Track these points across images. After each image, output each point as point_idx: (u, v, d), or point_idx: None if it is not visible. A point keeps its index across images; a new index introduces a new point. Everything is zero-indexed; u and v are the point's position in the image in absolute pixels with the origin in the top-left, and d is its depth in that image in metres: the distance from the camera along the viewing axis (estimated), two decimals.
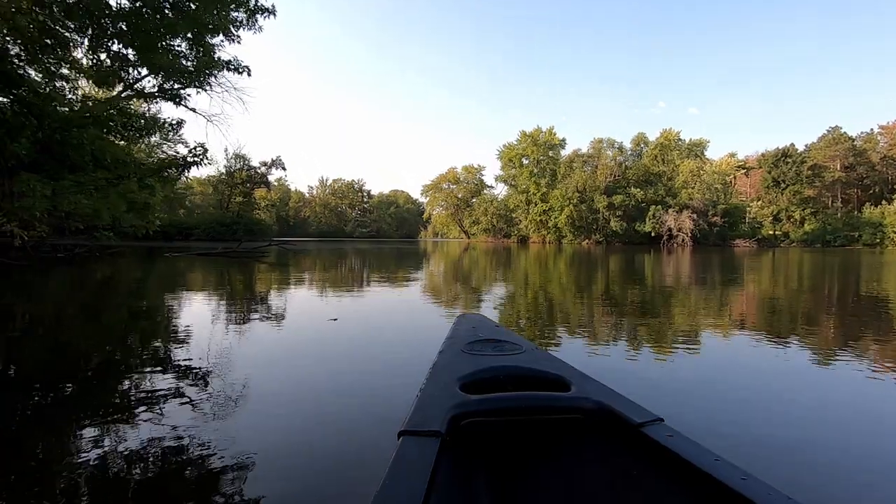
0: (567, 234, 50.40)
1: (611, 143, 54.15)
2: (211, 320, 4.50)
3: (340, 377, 2.72)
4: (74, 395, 2.42)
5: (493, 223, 60.18)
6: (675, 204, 46.36)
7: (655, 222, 46.18)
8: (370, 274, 10.97)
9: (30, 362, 3.11)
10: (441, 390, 1.28)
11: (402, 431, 1.06)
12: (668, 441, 1.02)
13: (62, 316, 4.89)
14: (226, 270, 10.83)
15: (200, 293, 6.83)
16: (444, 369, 1.47)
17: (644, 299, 6.82)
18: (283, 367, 2.92)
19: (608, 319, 4.96)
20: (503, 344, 1.77)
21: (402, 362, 3.03)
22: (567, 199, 49.15)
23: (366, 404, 2.26)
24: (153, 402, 2.25)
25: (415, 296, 6.92)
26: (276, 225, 70.31)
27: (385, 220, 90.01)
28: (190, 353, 3.19)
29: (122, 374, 2.73)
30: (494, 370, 1.47)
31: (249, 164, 40.65)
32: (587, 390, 1.29)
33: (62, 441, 1.87)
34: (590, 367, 1.94)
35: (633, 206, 48.44)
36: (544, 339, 3.81)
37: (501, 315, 5.17)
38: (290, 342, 3.67)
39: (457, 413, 1.15)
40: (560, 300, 6.69)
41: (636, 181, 50.61)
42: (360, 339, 3.78)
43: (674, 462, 0.98)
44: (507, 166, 58.32)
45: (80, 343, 3.68)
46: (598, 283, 9.45)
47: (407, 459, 0.93)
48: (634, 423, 1.11)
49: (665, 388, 2.58)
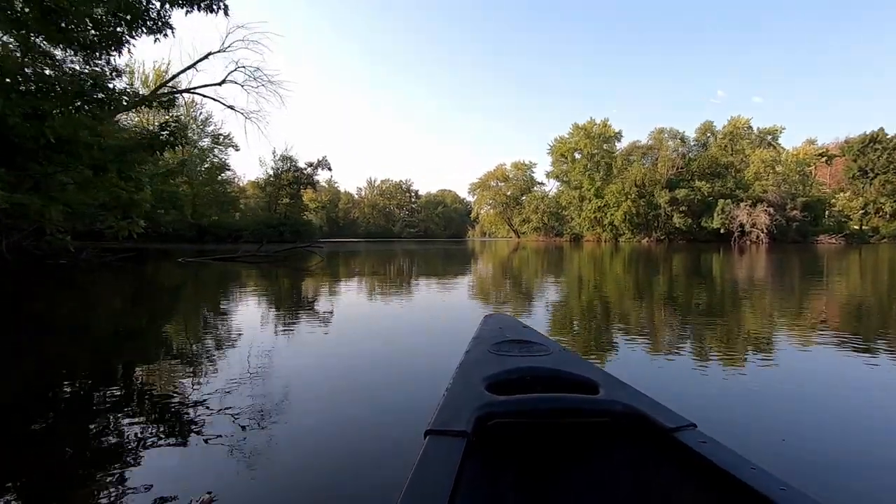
0: (624, 232, 48.34)
1: (673, 133, 51.32)
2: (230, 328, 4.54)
3: (369, 378, 2.86)
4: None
5: (544, 221, 58.88)
6: (748, 197, 43.16)
7: (725, 217, 43.19)
8: (404, 281, 10.77)
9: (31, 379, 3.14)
10: (467, 390, 1.29)
11: (429, 431, 1.06)
12: (701, 447, 1.00)
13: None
14: (237, 277, 10.35)
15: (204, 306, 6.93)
16: (471, 369, 1.48)
17: (711, 302, 6.23)
18: (314, 368, 3.06)
19: (670, 325, 4.59)
20: (530, 345, 1.75)
21: (432, 364, 3.10)
22: (624, 195, 47.10)
23: (393, 403, 2.37)
24: (196, 409, 2.32)
25: (460, 302, 6.69)
26: (325, 226, 72.67)
27: (433, 219, 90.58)
28: (210, 359, 3.28)
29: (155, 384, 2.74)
30: (521, 371, 1.47)
31: (296, 166, 41.95)
32: (616, 394, 1.27)
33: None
34: (648, 376, 1.93)
35: (698, 200, 45.65)
36: (601, 349, 3.49)
37: (553, 319, 4.90)
38: (321, 344, 3.79)
39: (483, 413, 1.15)
40: (616, 303, 6.25)
41: (701, 173, 47.65)
42: (387, 349, 3.73)
43: (707, 469, 0.95)
44: (559, 161, 56.76)
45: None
46: (659, 284, 8.81)
47: (433, 459, 0.94)
48: (666, 428, 1.09)
49: (731, 404, 2.41)
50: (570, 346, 3.51)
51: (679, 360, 3.28)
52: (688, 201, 45.57)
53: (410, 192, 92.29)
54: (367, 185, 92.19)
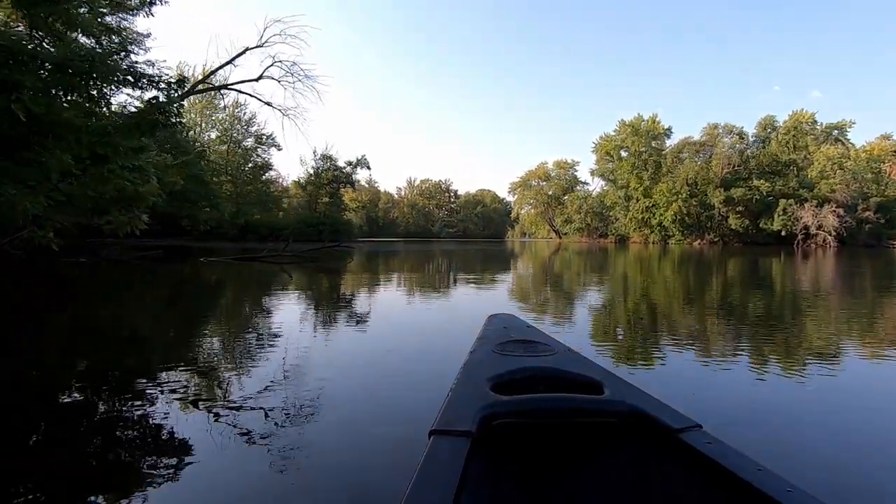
0: (674, 234, 46.25)
1: (729, 128, 48.56)
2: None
3: (374, 376, 2.92)
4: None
5: (587, 222, 57.24)
6: (813, 197, 40.24)
7: (787, 219, 40.45)
8: (436, 282, 10.55)
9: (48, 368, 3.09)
10: (472, 390, 1.29)
11: (433, 430, 1.06)
12: (706, 448, 1.00)
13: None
14: (253, 278, 9.95)
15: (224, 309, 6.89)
16: (475, 369, 1.47)
17: (770, 310, 5.66)
18: (324, 368, 3.06)
19: (723, 333, 4.20)
20: (535, 345, 1.74)
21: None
22: (675, 194, 45.03)
23: (397, 402, 2.40)
24: (215, 404, 2.39)
25: (493, 307, 6.41)
26: (365, 226, 73.87)
27: (471, 219, 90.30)
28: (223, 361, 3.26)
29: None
30: (526, 371, 1.47)
31: (336, 165, 42.65)
32: (621, 393, 1.27)
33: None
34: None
35: (756, 200, 43.02)
36: (645, 359, 3.12)
37: (597, 328, 4.57)
38: (334, 348, 3.75)
39: (488, 413, 1.15)
40: (665, 310, 5.77)
41: (760, 171, 44.90)
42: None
43: (713, 470, 0.95)
44: (604, 160, 55.00)
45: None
46: (713, 289, 8.16)
47: (437, 459, 0.94)
48: (671, 428, 1.09)
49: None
50: (619, 358, 3.38)
51: (735, 370, 3.12)
52: (745, 201, 43.02)
53: (450, 191, 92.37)
54: (406, 185, 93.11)
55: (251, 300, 6.63)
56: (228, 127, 39.22)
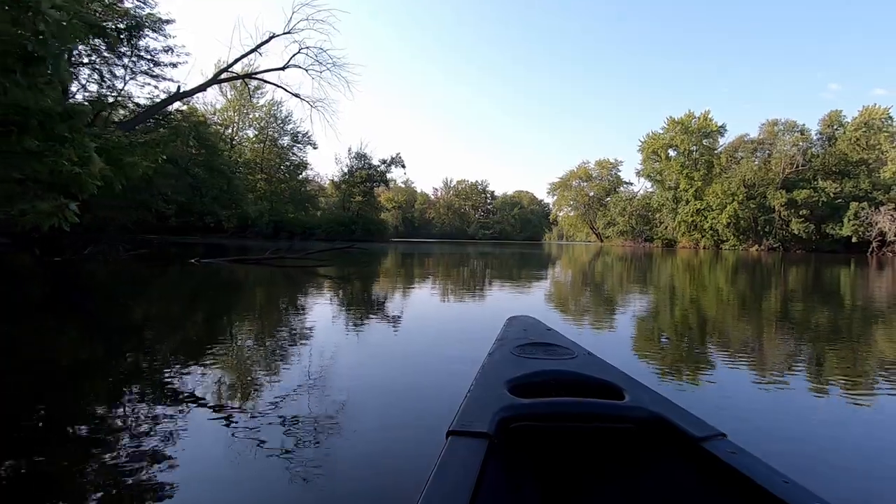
0: (728, 238, 43.51)
1: (790, 125, 45.21)
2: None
3: (392, 377, 2.93)
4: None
5: (631, 224, 54.82)
6: (889, 200, 36.76)
7: (858, 224, 37.10)
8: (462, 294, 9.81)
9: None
10: (490, 392, 1.29)
11: (451, 431, 1.07)
12: (730, 458, 0.98)
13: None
14: (242, 283, 9.26)
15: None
16: (493, 371, 1.47)
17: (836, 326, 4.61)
18: (337, 368, 3.13)
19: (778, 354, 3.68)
20: (554, 348, 1.73)
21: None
22: (730, 196, 42.31)
23: (415, 402, 2.45)
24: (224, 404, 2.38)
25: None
26: (401, 226, 74.12)
27: (508, 221, 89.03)
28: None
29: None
30: (544, 374, 1.47)
31: (370, 163, 42.37)
32: (643, 399, 1.25)
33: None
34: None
35: (822, 203, 39.82)
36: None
37: (629, 340, 4.26)
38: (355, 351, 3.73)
39: (505, 416, 1.15)
40: (709, 320, 5.22)
41: (826, 172, 41.57)
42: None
43: (737, 481, 0.93)
44: (650, 160, 52.53)
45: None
46: (768, 302, 7.04)
47: (455, 459, 0.94)
48: (694, 437, 1.07)
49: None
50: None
51: (771, 383, 3.05)
52: (810, 204, 39.90)
53: (486, 192, 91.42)
54: (442, 186, 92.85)
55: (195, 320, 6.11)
56: (265, 125, 39.90)
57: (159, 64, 17.81)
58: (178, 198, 17.77)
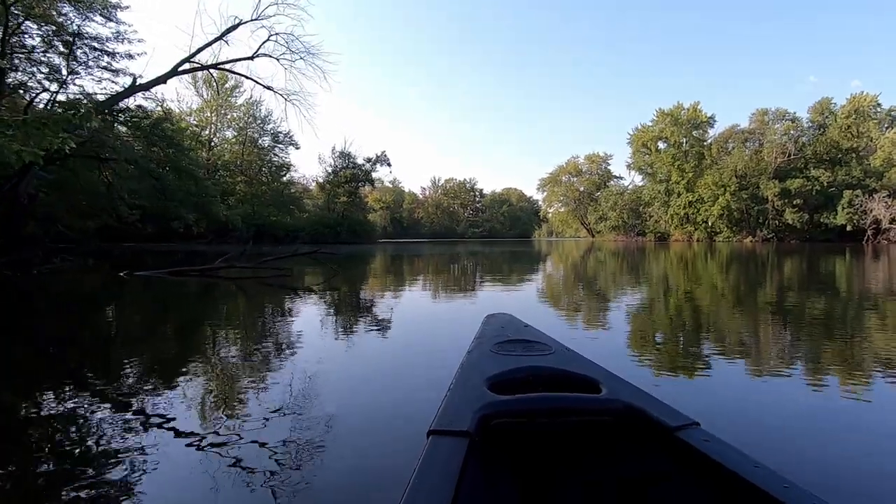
0: (721, 230, 43.23)
1: (780, 114, 45.03)
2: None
3: (372, 378, 2.92)
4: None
5: (623, 219, 54.42)
6: (882, 187, 36.64)
7: (853, 212, 36.90)
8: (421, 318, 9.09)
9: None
10: (469, 390, 1.30)
11: (431, 431, 1.07)
12: (703, 446, 1.02)
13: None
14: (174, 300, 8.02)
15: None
16: (473, 369, 1.48)
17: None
18: (316, 369, 3.03)
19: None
20: (532, 344, 1.75)
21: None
22: (722, 187, 41.99)
23: (394, 403, 2.42)
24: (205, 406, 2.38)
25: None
26: (389, 226, 73.16)
27: (497, 219, 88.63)
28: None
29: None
30: (523, 370, 1.48)
31: (354, 163, 41.22)
32: (619, 392, 1.29)
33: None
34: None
35: (816, 192, 39.65)
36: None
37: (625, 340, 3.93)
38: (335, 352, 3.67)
39: (486, 413, 1.16)
40: (703, 312, 5.12)
41: (819, 160, 41.43)
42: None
43: (710, 468, 0.97)
44: (640, 153, 52.17)
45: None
46: (764, 292, 6.41)
47: (436, 459, 0.95)
48: (668, 426, 1.10)
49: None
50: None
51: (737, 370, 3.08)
52: (803, 193, 39.72)
53: (475, 190, 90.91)
54: (430, 185, 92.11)
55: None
56: (244, 125, 38.69)
57: (114, 55, 16.74)
58: (140, 202, 16.72)
